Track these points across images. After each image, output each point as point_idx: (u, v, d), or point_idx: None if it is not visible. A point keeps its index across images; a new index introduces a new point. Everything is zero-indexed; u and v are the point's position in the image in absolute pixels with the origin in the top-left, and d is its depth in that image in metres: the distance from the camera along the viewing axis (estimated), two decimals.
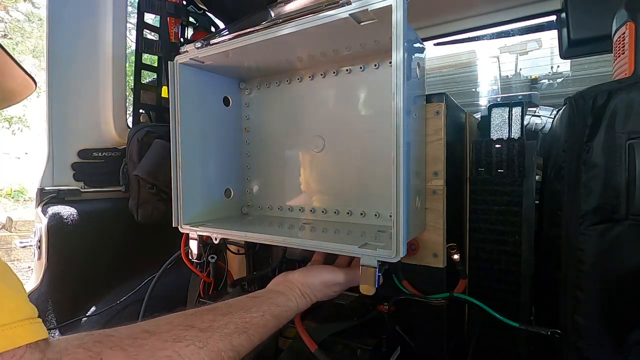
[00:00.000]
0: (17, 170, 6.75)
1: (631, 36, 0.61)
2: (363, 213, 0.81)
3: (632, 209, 0.54)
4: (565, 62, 3.28)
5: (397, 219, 0.55)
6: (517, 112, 0.81)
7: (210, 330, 0.50)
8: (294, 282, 0.67)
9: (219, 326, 0.51)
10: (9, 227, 4.99)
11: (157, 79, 1.33)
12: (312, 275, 0.68)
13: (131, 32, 1.31)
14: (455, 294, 0.72)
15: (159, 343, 0.44)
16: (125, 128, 1.26)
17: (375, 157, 0.78)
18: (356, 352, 0.67)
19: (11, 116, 6.76)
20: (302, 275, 0.68)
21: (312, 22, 0.62)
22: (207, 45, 0.76)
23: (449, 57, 3.47)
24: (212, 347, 0.48)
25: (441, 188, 0.71)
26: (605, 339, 0.57)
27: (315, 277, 0.68)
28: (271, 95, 0.94)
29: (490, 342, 0.80)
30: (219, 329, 0.51)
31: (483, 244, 0.83)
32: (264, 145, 0.96)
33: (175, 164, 0.81)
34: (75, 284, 1.08)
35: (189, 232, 0.84)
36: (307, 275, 0.68)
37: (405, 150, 0.55)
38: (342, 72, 0.81)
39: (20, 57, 6.85)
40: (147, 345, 0.43)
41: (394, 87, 0.54)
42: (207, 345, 0.47)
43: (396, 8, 0.53)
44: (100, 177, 1.20)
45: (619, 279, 0.56)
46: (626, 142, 0.54)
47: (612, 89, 0.56)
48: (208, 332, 0.49)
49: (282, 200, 0.94)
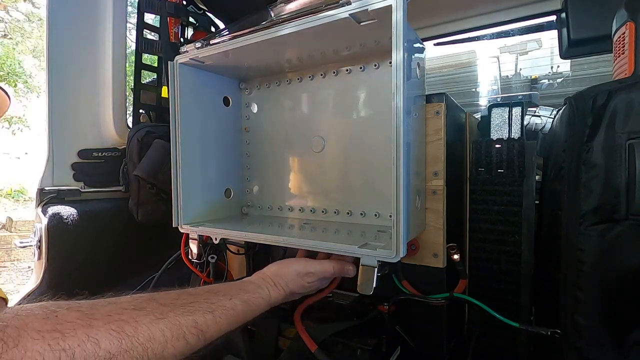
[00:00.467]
0: (17, 170, 6.76)
1: (631, 36, 0.61)
2: (363, 213, 0.81)
3: (632, 209, 0.54)
4: (565, 62, 3.28)
5: (397, 219, 0.55)
6: (517, 112, 0.81)
7: (172, 306, 0.49)
8: (266, 273, 0.69)
9: (182, 304, 0.50)
10: (9, 227, 5.00)
11: (157, 79, 1.33)
12: (285, 266, 0.70)
13: (131, 32, 1.31)
14: (455, 294, 0.72)
15: (117, 309, 0.44)
16: (125, 128, 1.26)
17: (375, 157, 0.78)
18: (356, 352, 0.67)
19: (11, 116, 6.76)
20: (276, 267, 0.70)
21: (312, 22, 0.62)
22: (207, 45, 0.76)
23: (449, 57, 3.47)
24: (173, 320, 0.46)
25: (441, 188, 0.71)
26: (605, 339, 0.57)
27: (287, 267, 0.69)
28: (271, 95, 0.94)
29: (490, 342, 0.80)
30: (182, 306, 0.50)
31: (483, 244, 0.83)
32: (264, 145, 0.96)
33: (175, 164, 0.81)
34: (75, 284, 1.08)
35: (189, 232, 0.84)
36: (281, 266, 0.70)
37: (405, 150, 0.55)
38: (342, 72, 0.81)
39: (20, 57, 6.86)
40: (105, 309, 0.43)
41: (394, 87, 0.54)
42: (167, 317, 0.46)
43: (396, 8, 0.53)
44: (100, 177, 1.20)
45: (619, 279, 0.56)
46: (626, 142, 0.54)
47: (612, 89, 0.56)
48: (169, 307, 0.48)
49: (282, 200, 0.94)
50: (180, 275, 1.19)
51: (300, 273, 0.68)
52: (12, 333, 0.35)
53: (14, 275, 4.22)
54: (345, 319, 0.74)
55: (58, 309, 0.40)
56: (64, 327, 0.38)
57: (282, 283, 0.67)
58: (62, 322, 0.39)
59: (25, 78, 6.87)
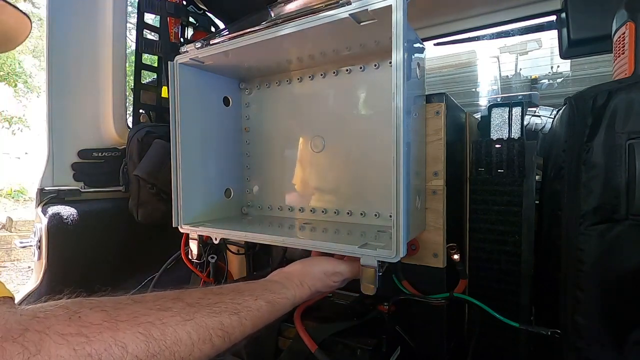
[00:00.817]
0: (17, 170, 6.76)
1: (631, 36, 0.61)
2: (363, 213, 0.81)
3: (632, 209, 0.54)
4: (565, 62, 3.28)
5: (397, 219, 0.55)
6: (517, 112, 0.81)
7: (198, 306, 0.46)
8: (292, 273, 0.65)
9: (208, 304, 0.48)
10: (9, 227, 5.00)
11: (157, 79, 1.33)
12: (312, 264, 0.67)
13: (131, 32, 1.31)
14: (455, 294, 0.72)
15: (143, 309, 0.42)
16: (125, 128, 1.26)
17: (375, 157, 0.78)
18: (356, 352, 0.67)
19: (11, 116, 6.77)
20: (301, 266, 0.67)
21: (312, 22, 0.62)
22: (207, 45, 0.76)
23: (449, 57, 3.47)
24: (200, 322, 0.44)
25: (441, 188, 0.71)
26: (605, 339, 0.57)
27: (314, 266, 0.66)
28: (271, 95, 0.94)
29: (490, 342, 0.80)
30: (208, 306, 0.47)
31: (483, 244, 0.83)
32: (264, 145, 0.96)
33: (175, 164, 0.81)
34: (75, 284, 1.07)
35: (189, 232, 0.84)
36: (305, 265, 0.67)
37: (405, 150, 0.55)
38: (342, 72, 0.81)
39: (20, 57, 6.86)
40: (130, 309, 0.41)
41: (394, 87, 0.54)
42: (194, 319, 0.44)
43: (396, 8, 0.53)
44: (100, 177, 1.20)
45: (619, 279, 0.56)
46: (626, 142, 0.54)
47: (612, 89, 0.56)
48: (195, 307, 0.46)
49: (282, 200, 0.94)
50: (180, 275, 1.19)
51: (327, 272, 0.66)
52: (33, 338, 0.32)
53: (14, 275, 4.23)
54: (345, 319, 0.73)
55: (81, 309, 0.38)
56: (89, 330, 0.36)
57: (309, 281, 0.64)
58: (86, 325, 0.36)
59: (25, 78, 6.88)
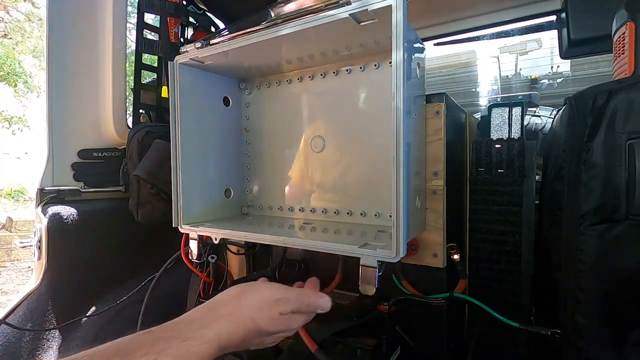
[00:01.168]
0: (17, 170, 6.76)
1: (631, 36, 0.61)
2: (363, 213, 0.81)
3: (632, 209, 0.54)
4: (565, 62, 3.27)
5: (397, 219, 0.55)
6: (517, 112, 0.81)
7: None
8: (219, 303, 0.53)
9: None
10: (9, 227, 5.00)
11: (157, 79, 1.33)
12: (249, 289, 0.55)
13: (131, 32, 1.31)
14: (455, 294, 0.72)
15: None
16: (125, 128, 1.26)
17: (375, 157, 0.78)
18: (356, 352, 0.67)
19: (11, 116, 6.77)
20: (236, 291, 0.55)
21: (312, 22, 0.62)
22: (207, 45, 0.76)
23: (449, 57, 3.46)
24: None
25: (441, 188, 0.71)
26: (605, 339, 0.57)
27: (252, 292, 0.54)
28: (271, 95, 0.94)
29: (490, 342, 0.80)
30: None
31: (483, 244, 0.83)
32: (264, 145, 0.96)
33: (175, 164, 0.81)
34: (75, 284, 1.08)
35: (189, 232, 0.84)
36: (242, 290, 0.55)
37: (405, 150, 0.55)
38: (342, 72, 0.81)
39: (20, 57, 6.87)
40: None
41: (394, 87, 0.54)
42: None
43: (396, 8, 0.53)
44: (100, 177, 1.20)
45: (619, 279, 0.56)
46: (626, 142, 0.54)
47: (612, 89, 0.56)
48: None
49: (282, 200, 0.94)
50: (180, 275, 1.19)
51: (269, 299, 0.53)
52: None
53: (14, 275, 4.23)
54: (345, 319, 0.73)
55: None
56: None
57: (247, 313, 0.51)
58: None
59: (25, 78, 6.88)
